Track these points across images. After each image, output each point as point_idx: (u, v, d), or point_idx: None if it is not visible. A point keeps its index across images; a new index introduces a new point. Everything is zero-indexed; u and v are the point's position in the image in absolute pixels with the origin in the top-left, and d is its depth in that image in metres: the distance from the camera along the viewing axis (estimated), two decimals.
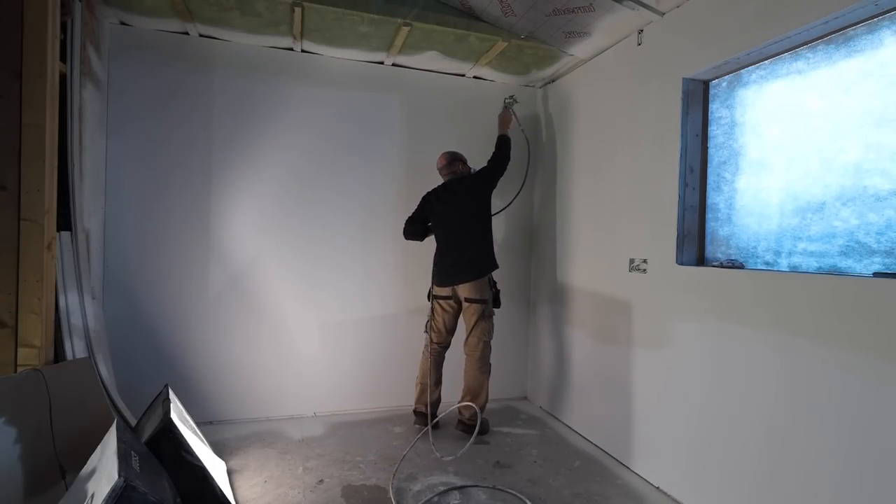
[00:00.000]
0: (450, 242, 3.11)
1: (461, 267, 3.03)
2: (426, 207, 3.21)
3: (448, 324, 3.16)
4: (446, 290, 3.10)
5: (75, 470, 1.78)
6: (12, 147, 2.06)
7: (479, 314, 3.03)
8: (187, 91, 3.05)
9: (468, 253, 3.04)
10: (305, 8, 2.66)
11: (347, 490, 2.36)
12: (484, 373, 3.05)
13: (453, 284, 3.06)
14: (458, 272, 3.03)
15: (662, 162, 2.49)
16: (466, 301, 3.04)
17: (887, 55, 1.71)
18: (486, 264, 3.07)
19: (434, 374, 3.15)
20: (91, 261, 2.60)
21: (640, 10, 2.49)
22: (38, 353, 2.09)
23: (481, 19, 2.94)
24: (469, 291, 3.01)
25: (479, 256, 3.06)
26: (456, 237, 3.08)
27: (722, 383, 2.13)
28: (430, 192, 3.23)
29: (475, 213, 3.09)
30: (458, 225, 3.08)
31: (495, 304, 3.14)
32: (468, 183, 3.15)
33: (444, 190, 3.18)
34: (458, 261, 3.04)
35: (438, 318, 3.16)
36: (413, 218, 3.24)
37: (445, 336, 3.18)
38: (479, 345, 3.04)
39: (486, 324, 3.06)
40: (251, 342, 3.21)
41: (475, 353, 3.05)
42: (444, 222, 3.13)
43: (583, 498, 2.35)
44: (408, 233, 3.25)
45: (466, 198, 3.09)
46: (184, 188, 3.05)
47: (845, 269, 1.81)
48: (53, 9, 2.15)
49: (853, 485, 1.63)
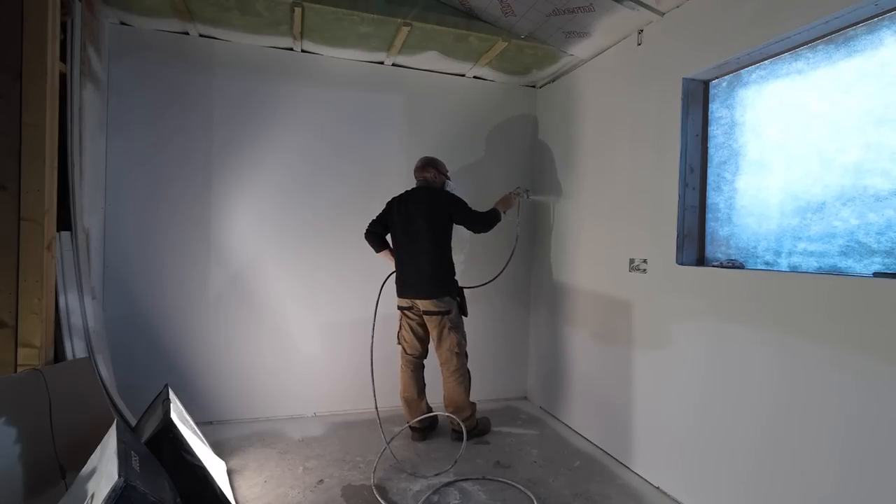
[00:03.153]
0: (407, 253, 2.95)
1: (417, 281, 2.90)
2: (388, 213, 3.04)
3: (417, 332, 3.02)
4: (406, 302, 2.97)
5: (75, 470, 1.78)
6: (12, 147, 2.06)
7: (441, 326, 2.89)
8: (187, 91, 3.05)
9: (424, 268, 2.88)
10: (305, 8, 2.66)
11: (347, 490, 2.36)
12: (462, 384, 2.93)
13: (409, 297, 2.94)
14: (413, 286, 2.91)
15: (662, 162, 2.49)
16: (425, 314, 2.91)
17: (887, 55, 1.71)
18: (442, 283, 2.90)
19: (414, 386, 3.03)
20: (91, 261, 2.60)
21: (640, 10, 2.49)
22: (38, 353, 2.09)
23: (481, 19, 2.94)
24: (427, 304, 2.88)
25: (438, 273, 2.89)
26: (413, 249, 2.92)
27: (722, 383, 2.13)
28: (395, 197, 3.06)
29: (432, 226, 2.90)
30: (416, 237, 2.90)
31: (462, 311, 3.00)
32: (434, 196, 2.95)
33: (408, 197, 3.01)
34: (414, 274, 2.91)
35: (406, 330, 3.04)
36: (375, 219, 3.07)
37: (417, 346, 3.04)
38: (451, 358, 2.91)
39: (455, 335, 2.91)
40: (251, 342, 3.21)
41: (449, 366, 2.93)
42: (402, 231, 2.96)
43: (583, 498, 2.35)
44: (367, 232, 3.08)
45: (425, 209, 2.91)
46: (184, 188, 3.05)
47: (845, 269, 1.81)
48: (53, 9, 2.15)
49: (850, 484, 1.63)
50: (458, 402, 2.93)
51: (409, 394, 3.02)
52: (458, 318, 2.97)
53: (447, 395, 2.97)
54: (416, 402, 3.02)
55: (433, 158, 3.11)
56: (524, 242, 3.81)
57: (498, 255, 3.57)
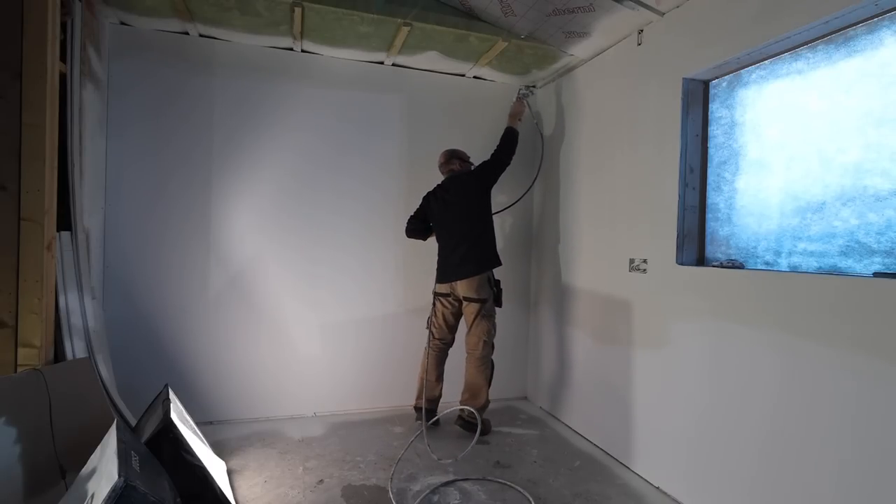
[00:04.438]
0: (447, 241, 3.11)
1: (458, 264, 3.02)
2: (426, 207, 3.23)
3: (448, 320, 3.15)
4: (445, 288, 3.10)
5: (75, 470, 1.78)
6: (12, 147, 2.06)
7: (477, 313, 3.01)
8: (187, 91, 3.05)
9: (464, 250, 3.01)
10: (305, 8, 2.66)
11: (347, 490, 2.36)
12: (483, 372, 3.03)
13: (450, 281, 3.06)
14: (454, 269, 3.03)
15: (662, 162, 2.49)
16: (465, 300, 3.03)
17: (887, 55, 1.71)
18: (483, 261, 3.03)
19: (435, 370, 3.16)
20: (91, 261, 2.60)
21: (640, 10, 2.49)
22: (38, 353, 2.09)
23: (481, 19, 2.94)
24: (467, 290, 3.00)
25: (476, 253, 3.02)
26: (452, 236, 3.08)
27: (722, 383, 2.13)
28: (430, 191, 3.24)
29: (470, 211, 3.06)
30: (454, 223, 3.07)
31: (497, 303, 3.11)
32: (463, 181, 3.13)
33: (440, 189, 3.18)
34: (454, 259, 3.04)
35: (438, 315, 3.16)
36: (413, 216, 3.26)
37: (446, 333, 3.18)
38: (478, 344, 3.03)
39: (487, 323, 3.04)
40: (251, 342, 3.21)
41: (475, 352, 3.04)
42: (441, 222, 3.14)
43: (583, 498, 2.35)
44: (409, 230, 3.27)
45: (460, 196, 3.08)
46: (184, 187, 3.05)
47: (845, 269, 1.81)
48: (53, 9, 2.15)
49: (853, 484, 1.63)
50: (476, 389, 3.03)
51: (429, 376, 3.13)
52: (492, 308, 3.08)
53: (467, 380, 3.07)
54: (433, 384, 3.15)
55: (455, 150, 3.28)
56: (525, 242, 3.81)
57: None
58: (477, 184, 3.11)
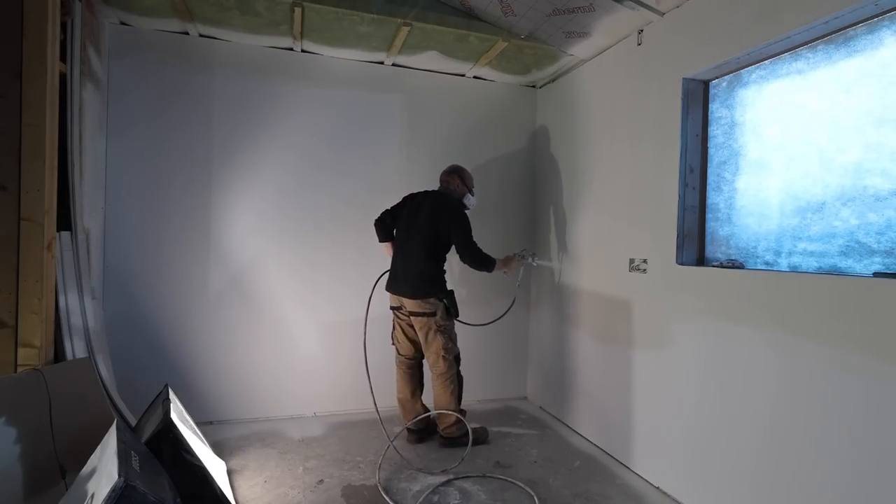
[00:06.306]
0: (403, 249, 2.94)
1: (403, 278, 2.88)
2: (400, 205, 3.05)
3: (409, 334, 2.97)
4: (395, 300, 2.94)
5: (75, 470, 1.78)
6: (12, 147, 2.06)
7: (427, 328, 2.82)
8: (187, 91, 3.05)
9: (412, 266, 2.85)
10: (305, 8, 2.66)
11: (347, 490, 2.36)
12: (447, 389, 2.86)
13: (396, 294, 2.91)
14: (400, 282, 2.89)
15: (662, 162, 2.49)
16: (411, 315, 2.86)
17: (887, 55, 1.71)
18: (426, 284, 2.83)
19: (407, 386, 2.99)
20: (91, 260, 2.60)
21: (640, 10, 2.49)
22: (38, 353, 2.09)
23: (481, 19, 2.94)
24: (411, 304, 2.83)
25: (424, 274, 2.83)
26: (408, 246, 2.90)
27: (722, 383, 2.13)
28: (413, 193, 3.08)
29: (431, 233, 2.85)
30: (415, 235, 2.88)
31: (450, 314, 2.89)
32: (445, 206, 2.90)
33: (423, 195, 3.01)
34: (402, 270, 2.90)
35: (398, 330, 3.02)
36: (387, 209, 3.08)
37: (409, 347, 2.99)
38: (438, 361, 2.84)
39: (442, 338, 2.82)
40: (251, 342, 3.21)
41: (435, 369, 2.87)
42: (406, 228, 2.95)
43: (583, 498, 2.35)
44: (377, 220, 3.07)
45: (432, 216, 2.87)
46: (184, 187, 3.05)
47: (845, 269, 1.81)
48: (53, 9, 2.15)
49: (852, 484, 1.63)
50: (442, 407, 2.87)
51: (402, 395, 3.01)
52: (445, 320, 2.86)
53: (434, 399, 2.93)
54: (410, 403, 3.00)
55: (462, 168, 3.09)
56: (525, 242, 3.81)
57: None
58: (448, 221, 2.85)
